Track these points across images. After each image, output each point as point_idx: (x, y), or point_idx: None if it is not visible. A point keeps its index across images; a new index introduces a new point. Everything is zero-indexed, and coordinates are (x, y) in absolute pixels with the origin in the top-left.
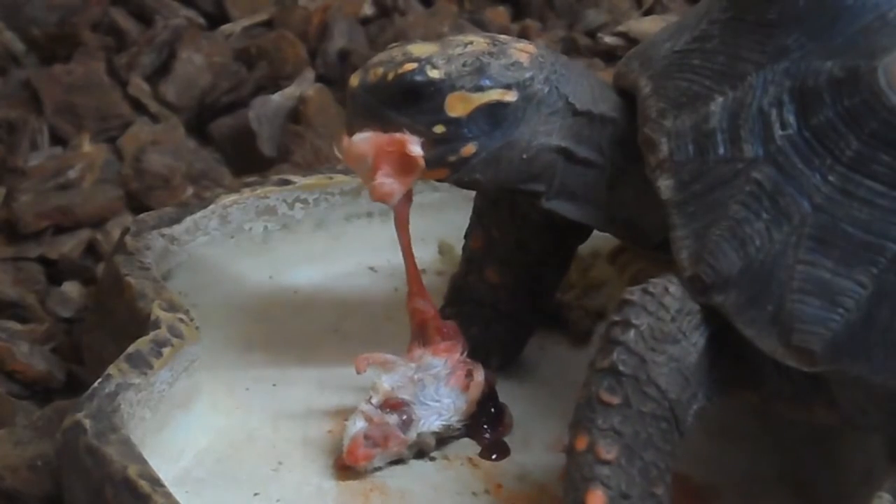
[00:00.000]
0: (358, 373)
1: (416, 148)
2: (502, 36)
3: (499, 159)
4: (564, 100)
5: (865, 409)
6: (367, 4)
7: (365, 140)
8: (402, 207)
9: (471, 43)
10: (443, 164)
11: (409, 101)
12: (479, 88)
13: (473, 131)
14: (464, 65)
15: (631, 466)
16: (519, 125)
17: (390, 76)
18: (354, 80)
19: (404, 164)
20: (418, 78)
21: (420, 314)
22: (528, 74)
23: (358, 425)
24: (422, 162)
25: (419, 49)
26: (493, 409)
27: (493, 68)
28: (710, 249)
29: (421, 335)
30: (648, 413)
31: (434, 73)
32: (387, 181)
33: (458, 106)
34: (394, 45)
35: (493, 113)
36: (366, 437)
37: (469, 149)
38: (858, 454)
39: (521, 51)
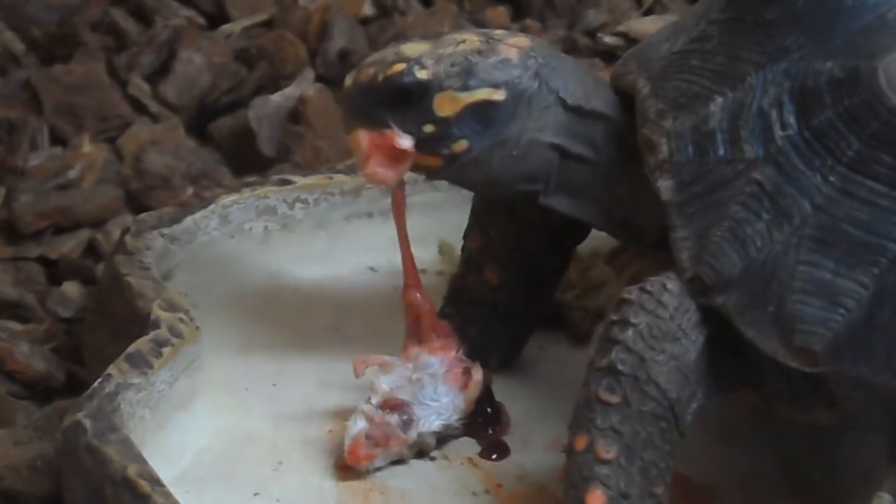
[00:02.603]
0: (357, 376)
1: (404, 141)
2: (497, 31)
3: (491, 157)
4: (555, 95)
5: (866, 409)
6: (367, 4)
7: (358, 135)
8: (397, 191)
9: (463, 41)
10: (435, 154)
11: (399, 101)
12: (467, 88)
13: (463, 130)
14: (452, 65)
15: (630, 466)
16: (510, 123)
17: (380, 77)
18: (349, 80)
19: (395, 156)
20: (406, 79)
21: (415, 308)
22: (516, 72)
23: (359, 425)
24: (412, 151)
25: (411, 49)
26: (489, 409)
27: (481, 67)
28: (710, 250)
29: (415, 330)
30: (648, 412)
31: (422, 74)
32: (379, 170)
33: (446, 106)
34: (389, 44)
35: (483, 112)
36: (367, 436)
37: (460, 145)
38: (858, 454)
39: (512, 46)
